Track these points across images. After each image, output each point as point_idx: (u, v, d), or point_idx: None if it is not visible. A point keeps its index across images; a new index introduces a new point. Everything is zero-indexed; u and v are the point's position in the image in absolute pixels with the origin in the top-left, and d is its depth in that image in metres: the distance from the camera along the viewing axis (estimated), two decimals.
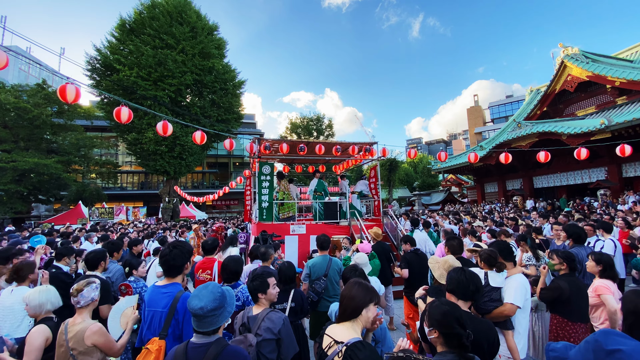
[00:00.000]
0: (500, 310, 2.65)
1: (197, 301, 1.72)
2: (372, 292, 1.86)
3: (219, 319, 1.77)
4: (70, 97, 4.58)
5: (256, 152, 8.32)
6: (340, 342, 1.66)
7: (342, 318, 1.82)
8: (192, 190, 32.55)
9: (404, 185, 39.71)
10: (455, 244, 3.46)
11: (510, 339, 2.66)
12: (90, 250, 3.74)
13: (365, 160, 9.87)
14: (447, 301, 1.74)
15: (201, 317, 1.70)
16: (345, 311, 1.81)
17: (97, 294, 2.35)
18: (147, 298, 2.38)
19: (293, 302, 3.03)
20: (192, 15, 19.81)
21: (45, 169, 19.91)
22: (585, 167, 16.50)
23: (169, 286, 2.36)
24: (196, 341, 1.74)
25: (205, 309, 1.68)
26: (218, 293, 1.77)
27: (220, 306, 1.75)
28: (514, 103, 48.40)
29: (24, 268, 3.16)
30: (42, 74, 34.56)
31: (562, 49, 17.56)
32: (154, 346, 2.04)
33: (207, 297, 1.73)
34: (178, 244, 2.45)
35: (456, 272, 2.17)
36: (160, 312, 2.27)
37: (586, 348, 0.82)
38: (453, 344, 1.57)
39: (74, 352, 2.18)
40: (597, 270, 3.05)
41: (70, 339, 2.21)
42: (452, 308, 1.66)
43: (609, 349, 0.74)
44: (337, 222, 8.40)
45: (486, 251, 2.87)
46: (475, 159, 9.48)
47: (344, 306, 1.82)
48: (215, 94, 20.22)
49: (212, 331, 1.74)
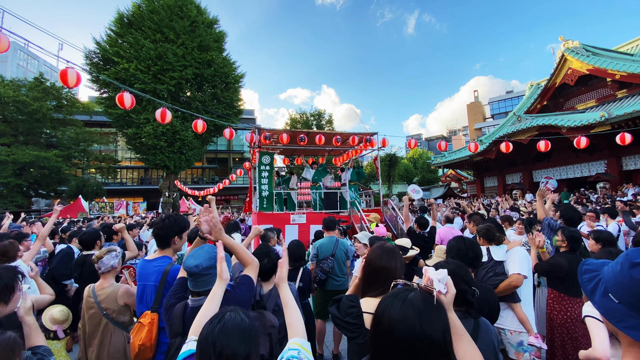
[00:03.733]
0: (508, 282, 2.65)
1: (192, 260, 1.75)
2: (402, 258, 1.77)
3: (214, 278, 1.76)
4: (72, 81, 4.58)
5: (256, 142, 8.32)
6: None
7: (380, 292, 1.56)
8: (192, 185, 32.51)
9: (403, 180, 39.74)
10: (479, 217, 3.54)
11: (520, 311, 2.65)
12: (85, 230, 3.77)
13: (366, 151, 9.89)
14: (453, 260, 1.75)
15: (196, 276, 1.73)
16: (382, 284, 1.57)
17: (116, 261, 2.48)
18: (138, 272, 2.38)
19: (301, 282, 3.07)
20: (193, 9, 19.70)
21: (46, 162, 19.92)
22: (585, 161, 16.54)
23: (158, 259, 2.33)
24: (192, 304, 1.76)
25: (200, 267, 1.71)
26: (213, 253, 1.79)
27: (214, 266, 1.76)
28: (514, 99, 48.18)
29: (9, 249, 3.10)
30: (41, 69, 34.45)
31: (562, 42, 17.54)
32: (146, 319, 2.07)
33: (202, 256, 1.77)
34: (173, 217, 2.43)
35: (456, 241, 2.21)
36: (151, 286, 2.26)
37: (617, 261, 0.84)
38: (458, 301, 1.54)
39: (108, 312, 2.36)
40: (597, 249, 3.05)
41: (102, 300, 2.38)
42: (458, 267, 1.66)
43: (636, 261, 0.78)
44: (338, 212, 8.42)
45: (483, 226, 2.90)
46: (476, 149, 9.53)
47: (383, 278, 1.58)
48: (216, 88, 20.18)
49: (206, 291, 1.73)
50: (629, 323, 0.80)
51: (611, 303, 0.83)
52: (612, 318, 0.84)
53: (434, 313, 0.93)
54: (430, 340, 0.89)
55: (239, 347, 1.09)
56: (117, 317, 2.39)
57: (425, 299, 0.97)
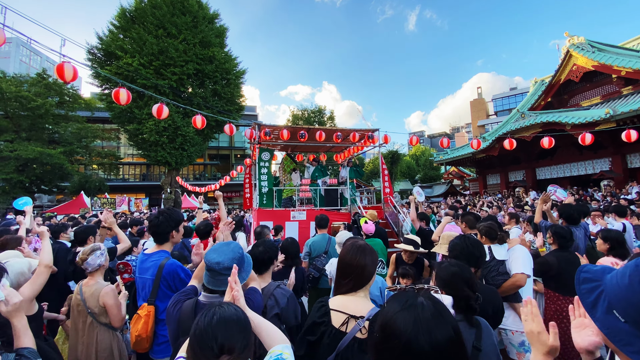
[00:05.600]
0: (512, 281, 2.56)
1: (215, 255, 1.65)
2: (376, 255, 1.71)
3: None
4: (68, 75, 4.53)
5: (256, 138, 8.26)
6: (360, 316, 1.42)
7: (350, 288, 1.56)
8: (194, 182, 32.55)
9: (405, 178, 39.58)
10: (472, 217, 3.44)
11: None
12: (76, 229, 3.72)
13: (367, 147, 9.81)
14: (456, 262, 1.67)
15: (215, 273, 1.63)
16: (356, 280, 1.54)
17: (102, 260, 2.43)
18: (138, 266, 2.38)
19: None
20: (194, 4, 19.61)
21: (49, 158, 19.95)
22: (589, 158, 16.35)
23: (155, 254, 2.33)
24: (205, 300, 1.67)
25: (222, 265, 1.61)
26: (239, 253, 1.70)
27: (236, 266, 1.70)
28: (518, 95, 47.72)
29: (9, 242, 3.08)
30: (44, 65, 34.45)
31: (567, 38, 17.27)
32: (143, 311, 2.15)
33: (226, 254, 1.66)
34: (166, 211, 2.41)
35: (459, 239, 2.12)
36: (149, 280, 2.26)
37: (623, 272, 0.72)
38: (461, 307, 1.49)
39: (93, 312, 2.33)
40: (605, 248, 2.94)
41: (87, 299, 2.35)
42: (461, 269, 1.58)
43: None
44: (338, 209, 8.36)
45: (485, 224, 2.81)
46: (478, 146, 9.43)
47: (354, 275, 1.55)
48: (217, 84, 20.11)
49: (222, 292, 1.65)
50: (637, 347, 0.67)
51: (616, 322, 0.71)
52: (617, 340, 0.71)
53: (444, 322, 0.84)
54: (440, 350, 0.81)
55: (238, 338, 1.08)
56: (99, 317, 2.35)
57: (435, 306, 0.87)
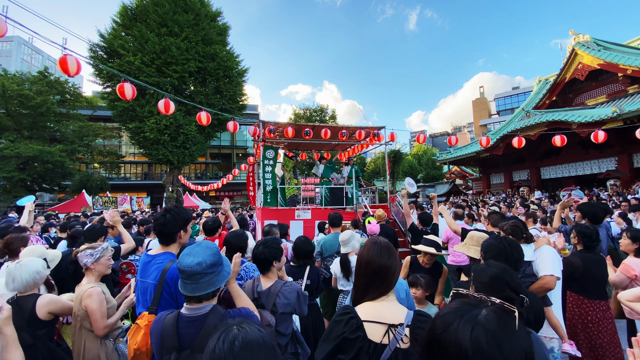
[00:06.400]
0: (541, 284, 2.37)
1: (191, 258, 1.48)
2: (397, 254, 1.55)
3: (218, 278, 1.54)
4: (72, 69, 4.42)
5: (260, 136, 8.14)
6: (399, 324, 1.25)
7: (380, 293, 1.36)
8: (195, 180, 32.48)
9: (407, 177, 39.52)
10: (498, 216, 3.32)
11: (552, 315, 2.37)
12: (89, 226, 3.63)
13: (372, 145, 9.69)
14: (496, 263, 1.49)
15: (199, 277, 1.46)
16: (386, 283, 1.38)
17: (90, 260, 2.25)
18: (140, 268, 2.13)
19: (309, 280, 2.86)
20: (196, 2, 19.52)
21: (50, 156, 19.87)
22: (595, 157, 16.20)
23: (160, 256, 2.06)
24: (188, 313, 1.49)
25: (205, 264, 1.46)
26: (214, 248, 1.55)
27: (219, 262, 1.54)
28: (520, 95, 47.52)
29: (14, 242, 2.98)
30: (45, 64, 34.38)
31: (573, 36, 17.12)
32: (143, 321, 1.84)
33: (203, 252, 1.51)
34: (173, 209, 2.15)
35: (495, 239, 1.90)
36: (151, 285, 2.02)
37: None
38: None
39: (77, 315, 2.09)
40: (633, 249, 2.79)
41: (75, 301, 2.14)
42: (502, 270, 1.42)
43: None
44: (344, 208, 8.25)
45: (510, 223, 2.61)
46: (487, 143, 9.33)
47: (382, 277, 1.38)
48: (219, 82, 20.03)
49: (205, 297, 1.50)
50: None
51: None
52: None
53: (515, 338, 0.71)
54: None
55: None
56: (83, 322, 2.13)
57: (502, 320, 0.74)
